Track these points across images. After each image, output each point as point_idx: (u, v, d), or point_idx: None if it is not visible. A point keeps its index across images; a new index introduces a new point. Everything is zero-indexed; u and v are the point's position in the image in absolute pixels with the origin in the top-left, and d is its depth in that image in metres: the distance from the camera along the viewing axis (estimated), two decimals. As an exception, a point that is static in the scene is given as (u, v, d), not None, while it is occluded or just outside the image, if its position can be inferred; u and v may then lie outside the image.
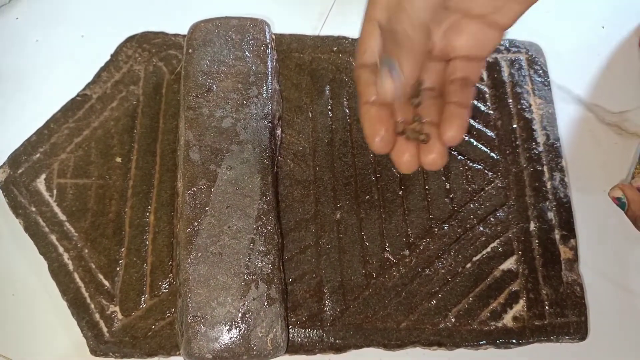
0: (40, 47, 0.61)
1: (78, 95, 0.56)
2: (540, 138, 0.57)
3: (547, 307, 0.50)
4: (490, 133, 0.57)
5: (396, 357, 0.50)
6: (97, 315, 0.48)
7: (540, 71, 0.60)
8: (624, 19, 0.65)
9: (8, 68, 0.60)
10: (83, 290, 0.49)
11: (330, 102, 0.57)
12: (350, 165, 0.54)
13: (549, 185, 0.55)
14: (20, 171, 0.52)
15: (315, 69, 0.58)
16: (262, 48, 0.52)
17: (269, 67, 0.52)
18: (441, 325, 0.49)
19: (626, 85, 0.62)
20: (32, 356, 0.50)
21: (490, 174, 0.55)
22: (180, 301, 0.45)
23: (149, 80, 0.57)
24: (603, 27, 0.65)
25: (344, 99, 0.57)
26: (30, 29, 0.62)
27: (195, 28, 0.53)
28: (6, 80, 0.59)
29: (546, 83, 0.59)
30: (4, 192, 0.52)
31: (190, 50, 0.52)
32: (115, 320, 0.48)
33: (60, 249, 0.50)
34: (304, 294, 0.50)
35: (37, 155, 0.53)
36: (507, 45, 0.61)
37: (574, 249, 0.52)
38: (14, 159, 0.53)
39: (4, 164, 0.53)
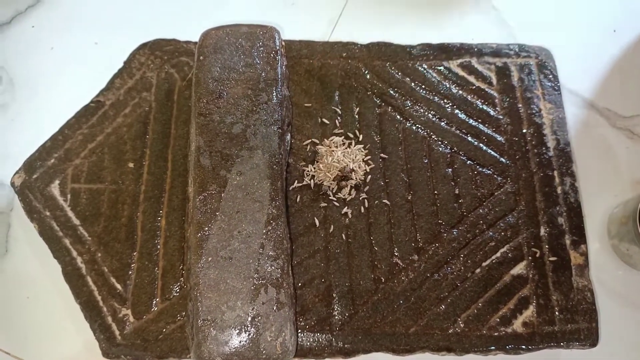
0: (55, 55, 0.62)
1: (92, 101, 0.57)
2: (551, 143, 0.56)
3: (557, 313, 0.50)
4: (499, 138, 0.57)
5: (405, 362, 0.50)
6: (109, 318, 0.49)
7: (550, 76, 0.60)
8: (636, 22, 0.65)
9: (24, 75, 0.61)
10: (96, 293, 0.50)
11: (339, 107, 0.57)
12: (360, 170, 0.55)
13: (559, 190, 0.54)
14: (35, 176, 0.53)
15: (325, 74, 0.59)
16: (271, 55, 0.53)
17: (279, 73, 0.53)
18: (450, 331, 0.49)
19: (638, 89, 0.61)
20: (45, 358, 0.50)
21: (499, 178, 0.55)
22: (190, 305, 0.46)
23: (161, 86, 0.58)
24: (615, 31, 0.65)
25: (353, 104, 0.57)
26: (45, 37, 0.63)
27: (206, 35, 0.53)
28: (22, 87, 0.61)
29: (556, 87, 0.59)
30: (20, 196, 0.53)
31: (201, 57, 0.52)
32: (127, 323, 0.49)
33: (74, 253, 0.51)
34: (313, 298, 0.50)
35: (52, 160, 0.54)
36: (517, 50, 0.61)
37: (585, 255, 0.52)
38: (29, 165, 0.54)
39: (19, 169, 0.54)
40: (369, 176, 0.54)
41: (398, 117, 0.57)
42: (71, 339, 0.51)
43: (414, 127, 0.57)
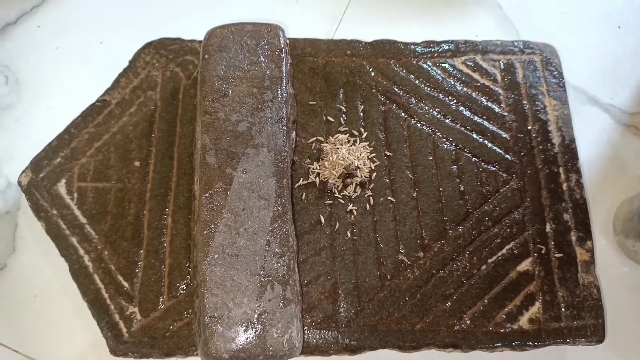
0: (61, 54, 0.63)
1: (97, 100, 0.57)
2: (556, 139, 0.56)
3: (563, 310, 0.50)
4: (504, 134, 0.56)
5: (411, 359, 0.50)
6: (116, 316, 0.49)
7: (555, 72, 0.60)
8: (641, 18, 0.65)
9: (29, 74, 0.62)
10: (103, 291, 0.50)
11: (344, 105, 0.57)
12: (365, 167, 0.55)
13: (564, 186, 0.54)
14: (42, 175, 0.54)
15: (329, 72, 0.59)
16: (276, 53, 0.53)
17: (283, 71, 0.53)
18: (456, 327, 0.49)
19: (643, 86, 0.61)
20: (53, 355, 0.51)
21: (505, 175, 0.55)
22: (197, 302, 0.46)
23: (166, 85, 0.58)
24: (619, 27, 0.65)
25: (358, 102, 0.57)
26: (50, 37, 0.63)
27: (211, 34, 0.53)
28: (28, 87, 0.61)
29: (561, 84, 0.59)
30: (27, 195, 0.53)
31: (206, 56, 0.52)
32: (134, 321, 0.49)
33: (81, 251, 0.51)
34: (319, 295, 0.50)
35: (58, 159, 0.54)
36: (522, 46, 0.61)
37: (591, 251, 0.52)
38: (36, 164, 0.54)
39: (26, 168, 0.54)
40: (374, 173, 0.54)
41: (403, 114, 0.57)
42: (78, 337, 0.51)
43: (419, 125, 0.57)
